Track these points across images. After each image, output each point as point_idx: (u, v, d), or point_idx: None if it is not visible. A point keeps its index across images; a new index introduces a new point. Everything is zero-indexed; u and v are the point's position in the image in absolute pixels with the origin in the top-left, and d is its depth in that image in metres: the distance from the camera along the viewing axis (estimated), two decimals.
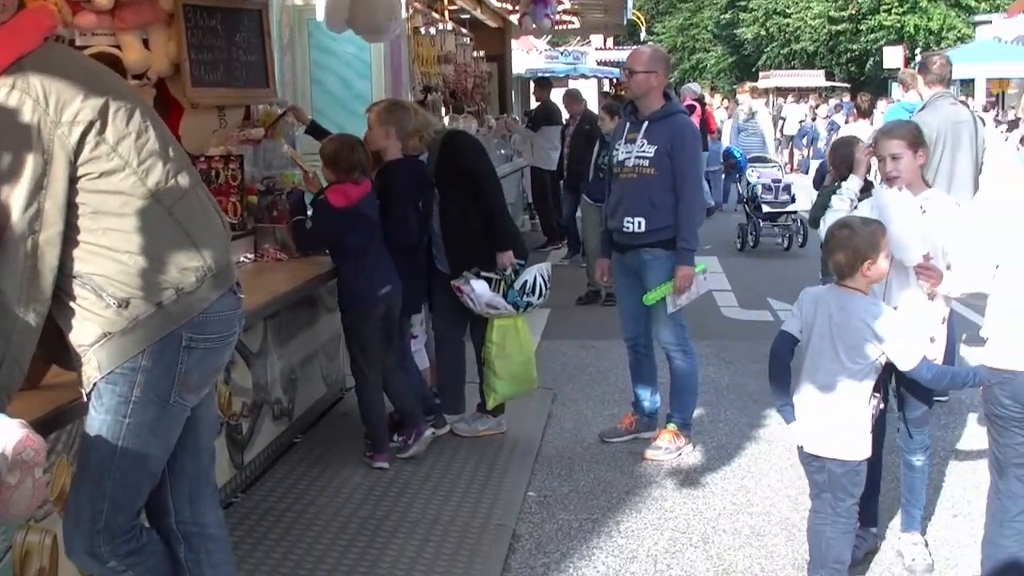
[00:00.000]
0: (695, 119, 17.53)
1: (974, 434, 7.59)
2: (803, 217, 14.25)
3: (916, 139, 5.38)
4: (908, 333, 4.98)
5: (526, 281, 7.20)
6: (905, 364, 4.92)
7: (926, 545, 5.70)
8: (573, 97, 15.81)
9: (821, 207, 9.47)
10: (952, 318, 5.77)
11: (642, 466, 7.09)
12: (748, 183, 17.09)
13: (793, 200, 16.50)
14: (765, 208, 16.48)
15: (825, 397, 4.94)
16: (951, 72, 8.59)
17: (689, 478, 6.89)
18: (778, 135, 34.22)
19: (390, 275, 6.92)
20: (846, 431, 4.95)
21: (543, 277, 7.27)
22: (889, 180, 5.42)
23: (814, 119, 32.07)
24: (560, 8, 17.01)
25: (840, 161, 9.57)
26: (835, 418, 4.93)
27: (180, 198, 3.59)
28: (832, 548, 5.04)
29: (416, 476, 6.80)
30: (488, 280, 7.17)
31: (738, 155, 18.40)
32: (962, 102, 9.28)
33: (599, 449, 7.43)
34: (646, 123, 7.05)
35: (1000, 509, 4.74)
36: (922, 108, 8.55)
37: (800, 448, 5.12)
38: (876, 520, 5.76)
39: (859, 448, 4.97)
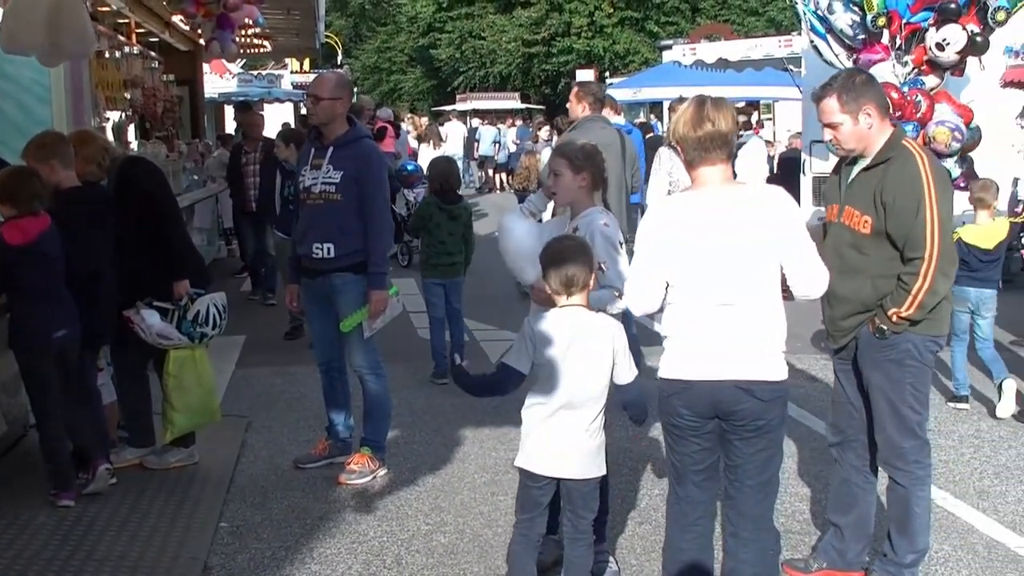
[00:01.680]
0: (390, 141, 17.64)
1: (658, 444, 7.90)
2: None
3: (579, 161, 5.56)
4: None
5: (199, 311, 7.12)
6: (626, 378, 5.06)
7: (612, 554, 5.92)
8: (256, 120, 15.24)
9: (419, 217, 10.20)
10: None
11: (336, 491, 7.09)
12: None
13: None
14: None
15: (572, 420, 4.96)
16: (604, 95, 9.22)
17: (383, 501, 6.92)
18: (476, 155, 34.98)
19: (68, 317, 6.70)
20: (592, 450, 5.04)
21: (217, 307, 7.21)
22: (552, 195, 5.67)
23: (535, 140, 32.77)
24: (251, 32, 16.83)
25: (434, 177, 10.28)
26: (582, 438, 4.99)
27: None
28: (577, 566, 5.15)
29: (103, 512, 6.61)
30: (163, 310, 7.05)
31: (412, 167, 18.36)
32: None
33: (293, 476, 7.39)
34: (331, 149, 7.07)
35: (680, 514, 4.93)
36: (571, 129, 8.98)
37: (532, 473, 5.08)
38: (557, 529, 5.93)
39: (602, 465, 5.10)
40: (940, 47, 11.10)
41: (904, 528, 5.41)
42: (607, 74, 44.60)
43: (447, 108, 48.21)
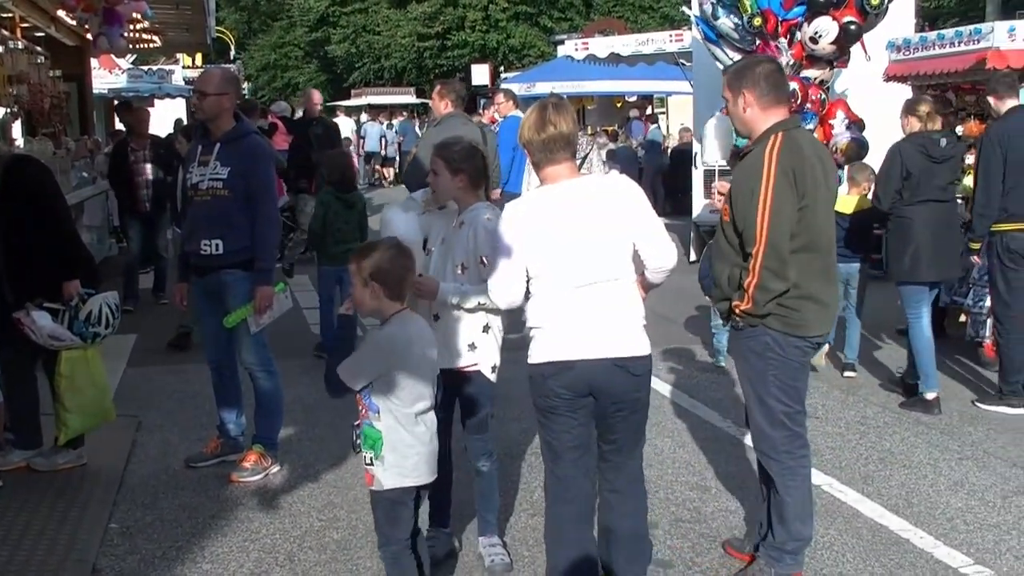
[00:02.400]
0: (281, 137, 17.48)
1: None
2: None
3: (457, 163, 5.62)
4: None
5: (91, 311, 7.02)
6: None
7: (504, 546, 5.96)
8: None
9: (320, 204, 10.41)
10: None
11: (228, 489, 7.04)
12: None
13: None
14: None
15: (431, 418, 4.96)
16: (466, 93, 9.45)
17: (276, 498, 6.89)
18: (361, 151, 34.90)
19: None
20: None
21: (109, 306, 7.11)
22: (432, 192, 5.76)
23: None
24: (140, 27, 16.58)
25: (331, 169, 10.66)
26: (431, 440, 4.98)
27: None
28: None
29: None
30: (54, 311, 6.95)
31: None
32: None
33: (185, 475, 7.32)
34: (218, 145, 7.03)
35: (560, 491, 5.12)
36: (435, 125, 9.54)
37: (408, 487, 4.93)
38: (448, 521, 5.99)
39: None
40: (814, 40, 11.33)
41: (780, 516, 5.48)
42: (502, 68, 44.65)
43: (342, 103, 48.00)
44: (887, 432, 8.19)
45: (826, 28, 11.23)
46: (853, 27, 11.19)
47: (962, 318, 10.00)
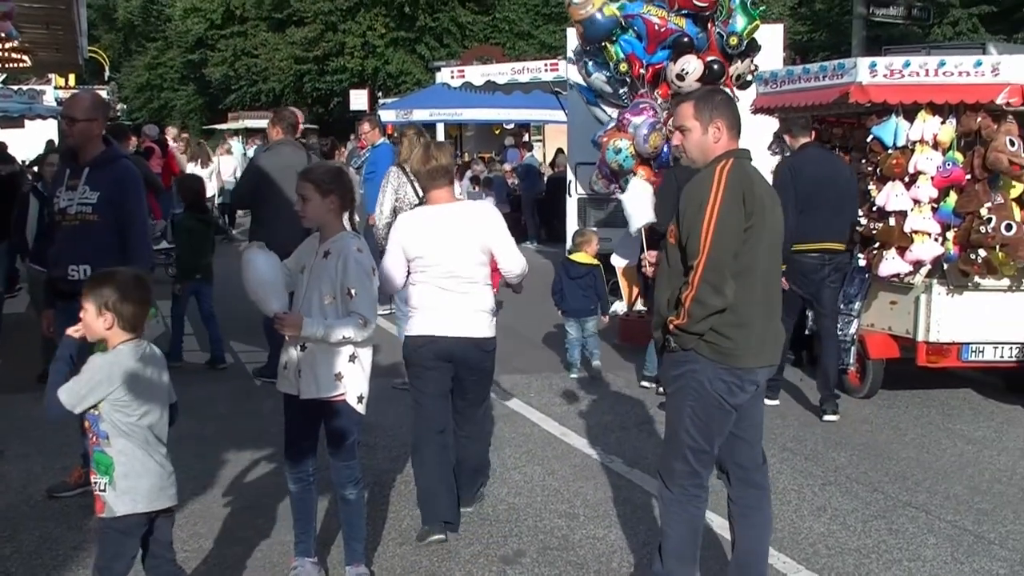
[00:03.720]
0: (156, 161, 17.24)
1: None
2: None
3: (327, 185, 5.66)
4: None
5: None
6: None
7: (372, 575, 5.94)
8: None
9: (184, 231, 11.24)
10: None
11: (92, 520, 6.79)
12: None
13: None
14: None
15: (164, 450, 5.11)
16: (299, 121, 10.99)
17: None
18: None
19: None
20: None
21: None
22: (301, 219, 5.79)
23: None
24: (9, 46, 16.26)
25: (186, 191, 11.57)
26: (167, 464, 5.13)
27: None
28: None
29: None
30: None
31: None
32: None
33: (47, 505, 7.19)
34: (87, 169, 6.95)
35: (424, 430, 6.65)
36: (265, 150, 10.65)
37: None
38: (313, 551, 5.97)
39: None
40: (680, 77, 11.63)
41: (661, 548, 5.45)
42: (379, 94, 44.54)
43: (220, 127, 47.44)
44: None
45: (692, 66, 11.57)
46: (716, 66, 11.65)
47: None
